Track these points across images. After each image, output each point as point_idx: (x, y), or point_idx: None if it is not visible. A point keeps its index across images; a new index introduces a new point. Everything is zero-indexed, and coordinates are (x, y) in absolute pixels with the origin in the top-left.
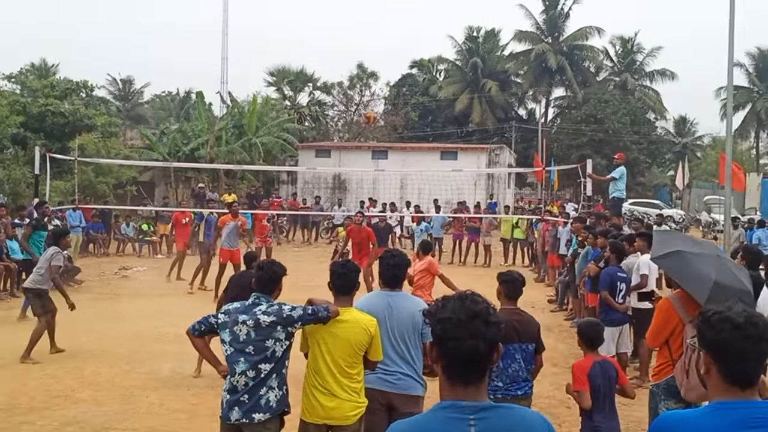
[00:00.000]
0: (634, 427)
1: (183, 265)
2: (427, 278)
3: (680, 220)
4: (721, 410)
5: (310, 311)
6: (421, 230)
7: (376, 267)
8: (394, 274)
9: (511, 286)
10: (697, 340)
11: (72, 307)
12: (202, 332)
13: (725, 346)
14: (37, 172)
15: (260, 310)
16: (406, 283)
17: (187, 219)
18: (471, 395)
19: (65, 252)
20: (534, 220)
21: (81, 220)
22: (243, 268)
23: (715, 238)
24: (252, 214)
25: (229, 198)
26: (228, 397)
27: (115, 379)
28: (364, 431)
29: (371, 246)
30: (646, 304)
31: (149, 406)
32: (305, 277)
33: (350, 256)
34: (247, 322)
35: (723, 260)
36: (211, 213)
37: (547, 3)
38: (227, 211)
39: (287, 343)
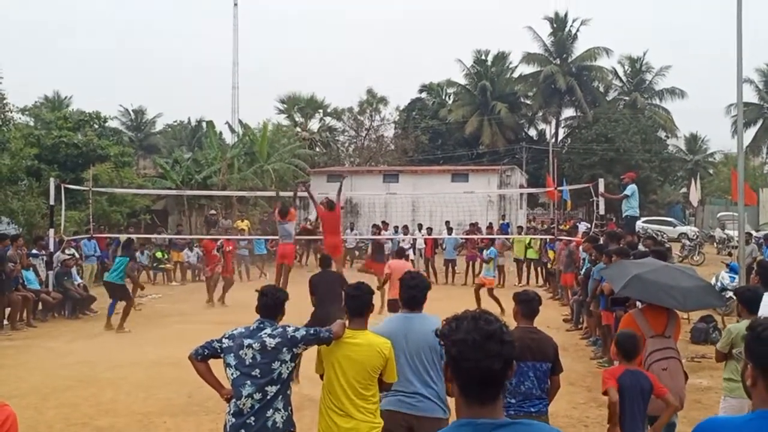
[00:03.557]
0: None
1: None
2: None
3: (694, 237)
4: (765, 419)
5: (312, 332)
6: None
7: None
8: (413, 296)
9: (527, 305)
10: (744, 352)
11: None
12: (205, 356)
13: None
14: (52, 202)
15: (266, 333)
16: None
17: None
18: (487, 413)
19: (81, 281)
20: (548, 240)
21: (96, 250)
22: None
23: (730, 254)
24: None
25: (242, 224)
26: (233, 420)
27: (132, 406)
28: None
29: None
30: None
31: None
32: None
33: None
34: (253, 346)
35: (669, 267)
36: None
37: (554, 25)
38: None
39: (292, 364)
